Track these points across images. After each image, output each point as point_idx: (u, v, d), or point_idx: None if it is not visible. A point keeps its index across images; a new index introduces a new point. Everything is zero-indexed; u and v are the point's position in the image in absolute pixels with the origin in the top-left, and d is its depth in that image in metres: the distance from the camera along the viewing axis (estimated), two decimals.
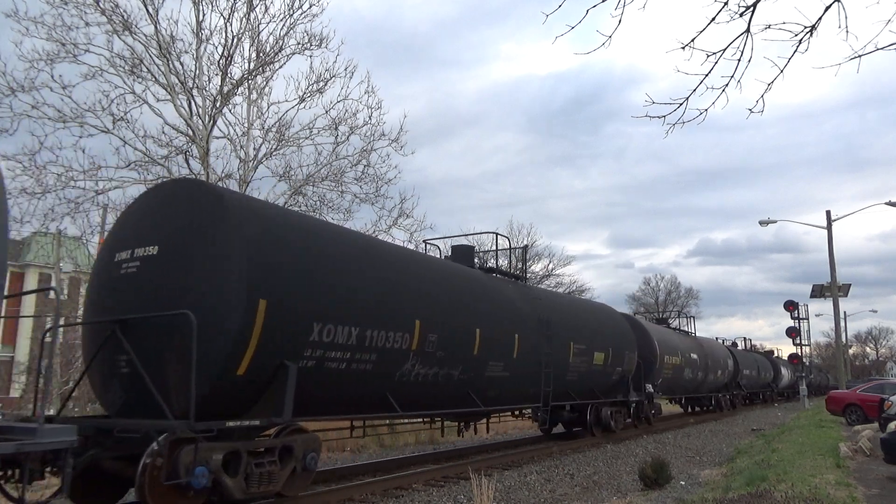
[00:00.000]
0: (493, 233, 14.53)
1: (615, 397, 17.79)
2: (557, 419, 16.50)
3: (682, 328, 29.12)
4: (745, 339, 43.27)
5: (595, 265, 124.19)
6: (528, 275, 37.54)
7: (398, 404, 9.41)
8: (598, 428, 16.80)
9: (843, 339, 47.84)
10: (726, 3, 5.07)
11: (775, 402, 45.06)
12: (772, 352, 49.50)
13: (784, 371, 46.71)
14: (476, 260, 14.73)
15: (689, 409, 30.93)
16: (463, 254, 13.76)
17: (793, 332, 36.38)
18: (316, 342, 7.88)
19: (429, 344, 9.79)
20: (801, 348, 38.46)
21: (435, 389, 10.39)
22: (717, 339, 35.64)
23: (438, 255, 13.36)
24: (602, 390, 16.94)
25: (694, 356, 25.28)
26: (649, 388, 19.61)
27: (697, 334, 29.76)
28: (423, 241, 15.81)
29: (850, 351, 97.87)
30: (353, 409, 9.44)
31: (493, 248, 14.52)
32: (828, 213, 30.94)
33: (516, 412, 15.90)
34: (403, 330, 9.29)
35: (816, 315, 66.81)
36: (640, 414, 19.81)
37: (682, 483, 10.47)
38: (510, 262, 15.41)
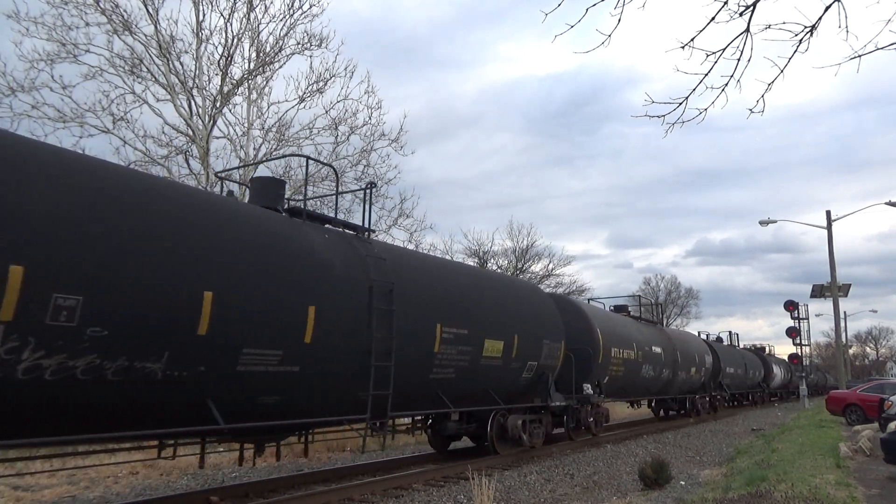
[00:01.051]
0: (304, 156, 10.46)
1: (531, 401, 13.57)
2: (441, 431, 12.47)
3: (644, 318, 24.41)
4: (730, 332, 38.86)
5: (594, 265, 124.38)
6: (528, 274, 37.56)
7: None
8: (503, 444, 12.86)
9: (843, 339, 47.71)
10: (726, 3, 5.07)
11: (766, 403, 41.73)
12: (763, 348, 46.00)
13: (777, 369, 43.45)
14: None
15: (663, 413, 26.91)
16: (266, 189, 9.15)
17: (793, 332, 36.40)
18: None
19: (57, 313, 5.46)
20: (802, 348, 38.43)
21: (99, 395, 6.02)
22: (699, 333, 32.53)
23: (240, 196, 9.35)
24: (504, 392, 12.42)
25: (657, 350, 20.82)
26: (587, 389, 15.63)
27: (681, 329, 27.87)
28: (216, 173, 12.65)
29: (850, 351, 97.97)
30: None
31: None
32: (828, 213, 30.99)
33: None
34: None
35: (816, 315, 66.78)
36: (573, 423, 15.54)
37: (682, 483, 10.47)
38: (336, 208, 10.43)
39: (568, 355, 14.61)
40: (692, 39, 5.14)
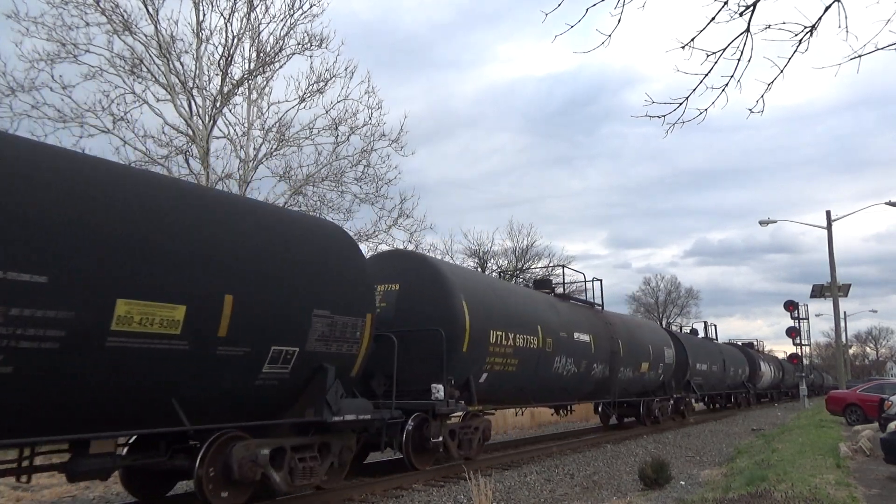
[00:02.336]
0: None
1: (300, 415, 8.15)
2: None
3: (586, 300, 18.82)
4: (705, 322, 34.38)
5: (594, 265, 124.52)
6: (528, 274, 37.41)
7: None
8: (232, 488, 7.52)
9: (843, 339, 47.63)
10: (726, 3, 5.08)
11: (751, 405, 37.33)
12: (751, 344, 42.43)
13: (765, 367, 39.17)
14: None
15: (616, 421, 21.94)
16: None
17: (793, 332, 36.42)
18: None
19: None
20: (802, 348, 38.44)
21: None
22: (668, 326, 30.30)
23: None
24: (210, 402, 7.26)
25: (583, 338, 15.64)
26: (438, 392, 10.63)
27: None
28: None
29: (850, 351, 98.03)
30: None
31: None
32: (828, 213, 31.01)
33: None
34: None
35: (816, 315, 66.64)
36: (385, 445, 10.02)
37: (682, 483, 10.47)
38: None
39: (387, 338, 9.73)
40: (692, 39, 5.15)
